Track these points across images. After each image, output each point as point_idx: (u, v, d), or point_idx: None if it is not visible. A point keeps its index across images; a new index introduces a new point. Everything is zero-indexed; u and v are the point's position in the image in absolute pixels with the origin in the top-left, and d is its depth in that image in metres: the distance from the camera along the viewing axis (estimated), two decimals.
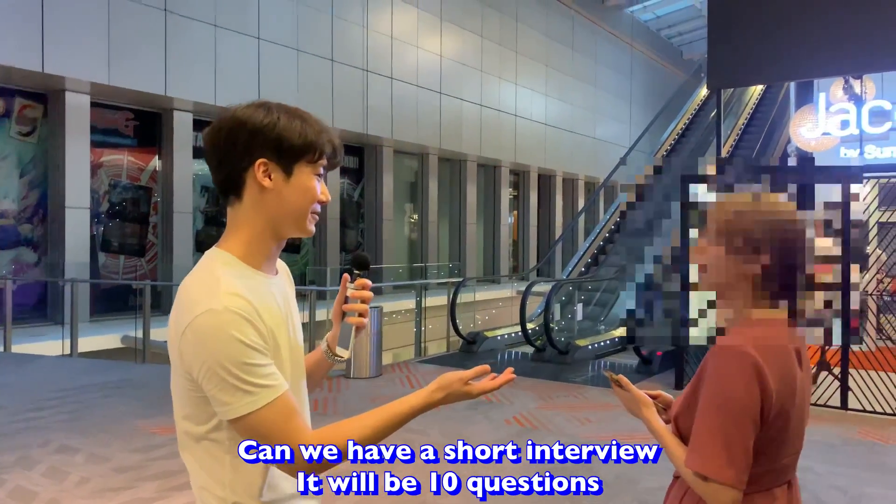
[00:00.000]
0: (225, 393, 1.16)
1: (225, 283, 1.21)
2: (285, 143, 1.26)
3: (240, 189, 1.28)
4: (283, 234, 1.33)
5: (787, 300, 1.45)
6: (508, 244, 19.65)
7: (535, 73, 19.33)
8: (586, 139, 21.89)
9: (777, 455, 1.43)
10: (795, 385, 1.42)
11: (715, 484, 1.37)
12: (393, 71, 14.66)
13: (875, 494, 4.16)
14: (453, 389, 1.32)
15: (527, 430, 5.45)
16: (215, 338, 1.16)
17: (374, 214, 15.08)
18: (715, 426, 1.38)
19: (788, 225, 1.42)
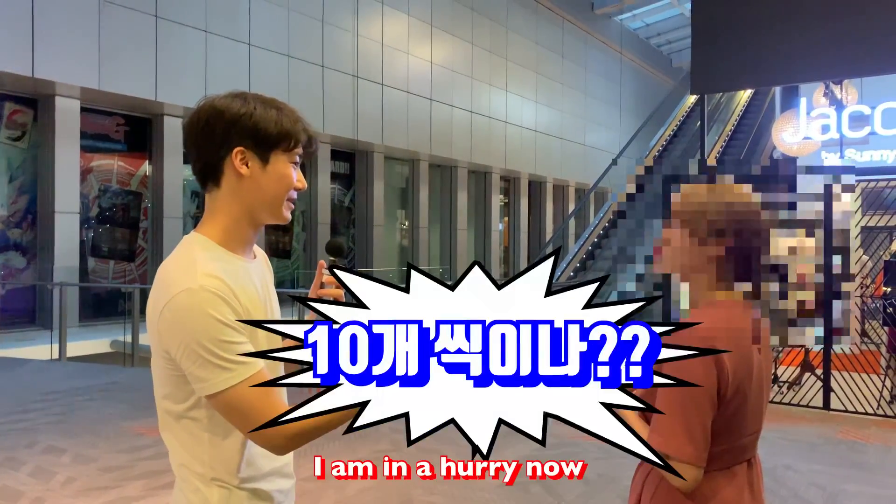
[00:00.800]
0: (202, 369, 1.20)
1: (202, 264, 1.26)
2: (262, 132, 1.30)
3: (218, 176, 1.33)
4: (259, 221, 1.37)
5: (746, 283, 1.51)
6: (499, 250, 19.71)
7: (525, 81, 19.45)
8: (576, 146, 22.01)
9: (736, 434, 1.48)
10: (753, 365, 1.47)
11: (676, 462, 1.42)
12: (384, 77, 14.74)
13: (854, 491, 4.22)
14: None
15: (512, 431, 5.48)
16: (192, 316, 1.20)
17: (365, 220, 15.12)
18: (675, 406, 1.43)
19: (747, 211, 1.49)
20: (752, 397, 1.48)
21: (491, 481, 4.33)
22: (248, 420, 1.21)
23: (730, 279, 1.50)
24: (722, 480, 1.47)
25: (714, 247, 1.48)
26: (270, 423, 1.15)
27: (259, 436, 1.22)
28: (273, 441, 1.22)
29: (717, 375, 1.41)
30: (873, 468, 4.70)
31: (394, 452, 4.90)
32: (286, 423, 1.19)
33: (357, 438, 5.22)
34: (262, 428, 1.17)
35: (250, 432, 1.22)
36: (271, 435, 1.20)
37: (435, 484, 4.26)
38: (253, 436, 1.22)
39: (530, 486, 4.24)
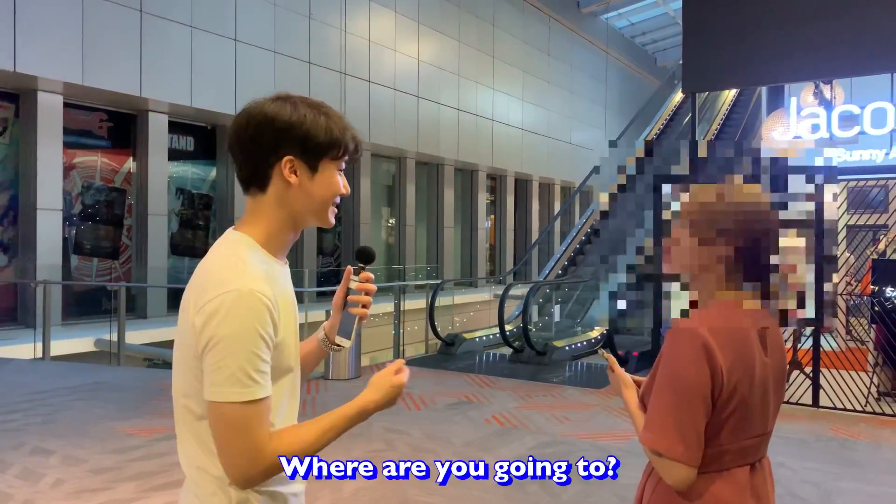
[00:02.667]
0: (220, 373, 1.18)
1: (251, 265, 1.24)
2: (312, 141, 1.29)
3: (264, 182, 1.31)
4: (303, 226, 1.37)
5: (754, 284, 1.50)
6: (486, 248, 19.72)
7: (512, 79, 19.46)
8: (562, 144, 22.07)
9: (735, 436, 1.46)
10: (754, 368, 1.46)
11: (668, 460, 1.41)
12: (371, 74, 14.67)
13: (847, 488, 4.25)
14: (383, 383, 1.34)
15: (506, 429, 5.47)
16: (236, 318, 1.18)
17: (352, 217, 15.04)
18: (667, 404, 1.43)
19: (755, 211, 1.47)
20: (753, 399, 1.46)
21: (488, 481, 4.31)
22: (236, 440, 1.20)
23: (738, 280, 1.49)
24: (719, 482, 1.46)
25: (722, 247, 1.47)
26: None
27: (232, 458, 1.21)
28: (246, 471, 1.21)
29: (711, 376, 1.40)
30: (865, 465, 4.74)
31: (388, 452, 4.87)
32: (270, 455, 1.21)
33: (352, 438, 5.18)
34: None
35: (229, 455, 1.21)
36: (250, 463, 1.21)
37: (432, 484, 4.23)
38: (230, 458, 1.21)
39: (527, 486, 4.23)
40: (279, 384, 1.30)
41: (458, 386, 7.12)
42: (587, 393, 6.91)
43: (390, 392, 1.34)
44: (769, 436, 1.56)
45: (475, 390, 6.87)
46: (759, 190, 1.51)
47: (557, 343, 8.98)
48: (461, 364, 8.38)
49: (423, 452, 4.84)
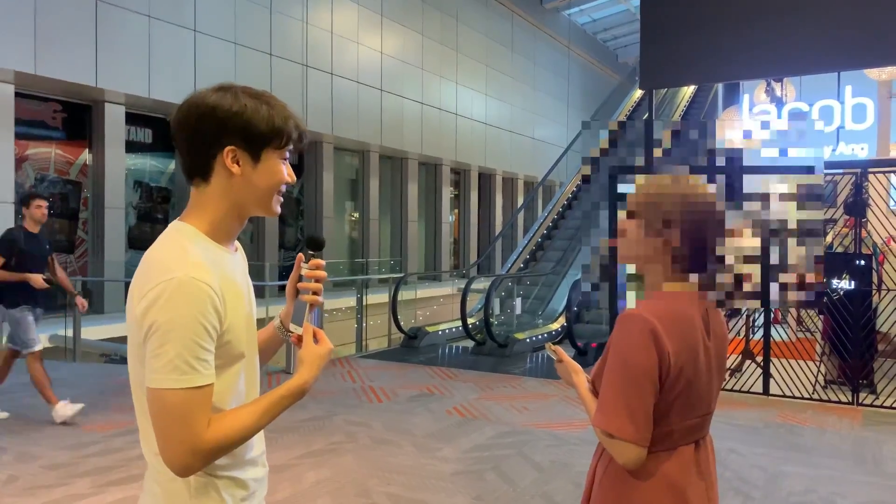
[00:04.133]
0: (158, 359, 1.18)
1: (192, 254, 1.25)
2: (253, 131, 1.29)
3: (207, 174, 1.31)
4: (247, 215, 1.37)
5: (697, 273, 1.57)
6: (450, 243, 19.77)
7: (475, 73, 19.51)
8: (525, 139, 22.22)
9: (681, 416, 1.53)
10: (698, 351, 1.53)
11: (618, 441, 1.48)
12: (333, 67, 14.57)
13: (792, 472, 4.42)
14: (313, 356, 1.35)
15: (466, 419, 5.54)
16: (175, 305, 1.18)
17: (315, 211, 14.94)
18: (617, 388, 1.49)
19: (700, 204, 1.54)
20: (698, 382, 1.54)
21: (447, 469, 4.37)
22: (173, 427, 1.19)
23: (684, 270, 1.56)
24: (666, 460, 1.53)
25: (668, 238, 1.53)
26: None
27: (170, 445, 1.20)
28: (184, 459, 1.20)
29: (658, 360, 1.47)
30: (810, 450, 4.92)
31: (349, 444, 4.89)
32: (208, 442, 1.21)
33: (313, 430, 5.19)
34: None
35: (167, 442, 1.21)
36: (188, 451, 1.20)
37: (391, 474, 4.27)
38: (168, 446, 1.21)
39: (485, 474, 4.29)
40: (231, 371, 1.31)
41: (420, 378, 7.16)
42: (546, 384, 7.02)
43: (321, 362, 1.36)
44: (711, 415, 1.64)
45: (437, 382, 6.93)
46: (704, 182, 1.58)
47: (519, 335, 9.09)
48: (423, 357, 8.42)
49: (384, 444, 4.88)
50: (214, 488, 1.30)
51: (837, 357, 6.57)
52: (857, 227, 6.33)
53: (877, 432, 5.39)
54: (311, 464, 4.46)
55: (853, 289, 6.28)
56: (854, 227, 6.38)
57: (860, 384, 6.29)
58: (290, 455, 4.62)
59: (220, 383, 1.28)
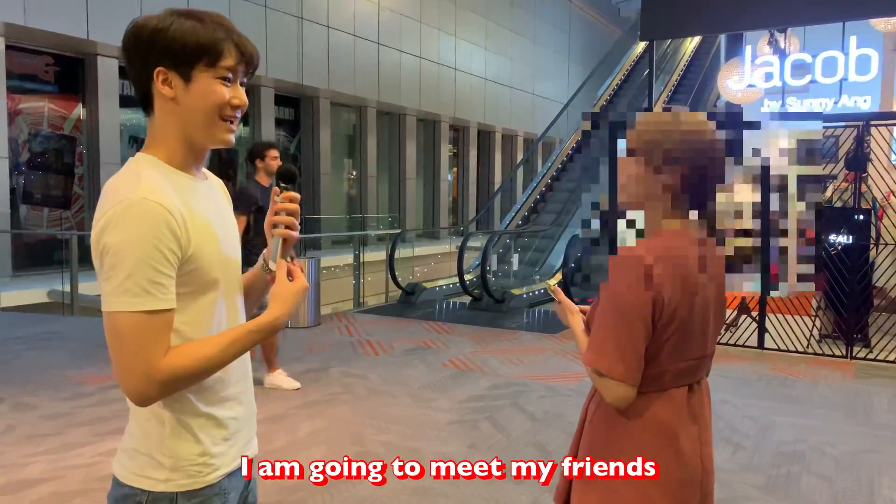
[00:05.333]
0: (110, 282, 1.14)
1: (146, 177, 1.20)
2: (177, 48, 1.21)
3: (149, 101, 1.26)
4: (197, 144, 1.29)
5: (698, 212, 1.54)
6: (448, 200, 19.68)
7: (474, 27, 19.16)
8: (525, 95, 21.94)
9: (673, 358, 1.51)
10: (695, 293, 1.51)
11: (608, 379, 1.47)
12: (329, 19, 14.29)
13: (783, 422, 4.46)
14: (286, 293, 1.31)
15: (462, 372, 5.57)
16: (125, 227, 1.14)
17: (312, 168, 14.83)
18: (608, 326, 1.47)
19: (702, 139, 1.50)
20: (693, 324, 1.52)
21: (441, 418, 4.42)
22: (126, 353, 1.15)
23: (684, 208, 1.52)
24: (657, 402, 1.52)
25: (669, 174, 1.50)
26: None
27: (123, 372, 1.16)
28: (137, 386, 1.16)
29: (652, 299, 1.44)
30: (802, 401, 4.96)
31: (345, 395, 4.93)
32: (165, 370, 1.16)
33: (309, 382, 5.23)
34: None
35: (120, 369, 1.17)
36: (142, 378, 1.15)
37: (387, 424, 4.31)
38: (121, 372, 1.17)
39: (479, 424, 4.34)
40: (205, 301, 1.26)
41: (416, 333, 7.20)
42: (542, 338, 7.05)
43: (294, 299, 1.31)
44: (708, 359, 1.61)
45: (433, 336, 6.96)
46: (705, 119, 1.53)
47: (515, 291, 9.10)
48: (420, 312, 8.45)
49: (380, 395, 4.92)
50: (191, 428, 1.27)
51: (833, 311, 6.59)
52: (857, 182, 6.27)
53: (869, 384, 5.43)
54: (306, 414, 4.50)
55: (851, 243, 6.26)
56: (854, 182, 6.33)
57: (854, 338, 6.31)
58: (286, 406, 4.66)
59: (192, 312, 1.24)
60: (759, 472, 3.68)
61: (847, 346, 6.27)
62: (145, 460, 1.27)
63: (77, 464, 3.61)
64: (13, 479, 3.42)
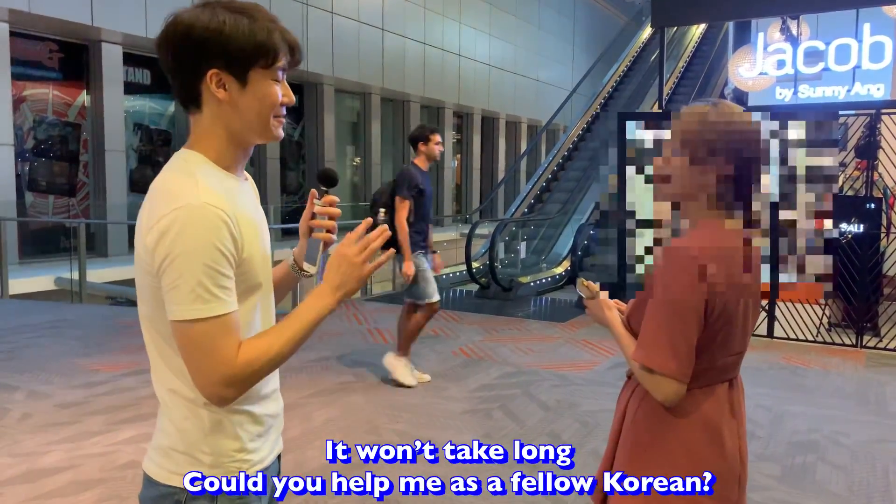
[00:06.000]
0: (178, 291, 1.13)
1: (203, 180, 1.18)
2: (235, 50, 1.18)
3: (198, 100, 1.22)
4: (248, 142, 1.28)
5: (741, 209, 1.52)
6: (452, 188, 19.65)
7: (478, 12, 19.03)
8: (529, 81, 21.84)
9: (719, 354, 1.51)
10: (742, 288, 1.50)
11: (659, 376, 1.45)
12: (334, 5, 14.20)
13: (796, 412, 4.47)
14: (333, 267, 1.27)
15: (472, 360, 5.58)
16: (191, 233, 1.12)
17: (316, 154, 14.80)
18: (661, 322, 1.45)
19: (745, 131, 1.48)
20: (737, 319, 1.51)
21: (455, 407, 4.42)
22: (204, 358, 1.15)
23: (728, 201, 1.51)
24: (702, 398, 1.51)
25: (712, 167, 1.48)
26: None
27: (202, 377, 1.17)
28: (219, 390, 1.17)
29: (707, 293, 1.43)
30: (813, 390, 4.97)
31: (357, 383, 4.94)
32: (241, 372, 1.16)
33: (321, 371, 5.24)
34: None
35: (200, 375, 1.17)
36: (222, 380, 1.16)
37: (400, 412, 4.32)
38: (201, 378, 1.17)
39: (493, 413, 4.34)
40: (249, 302, 1.26)
41: None
42: (551, 326, 7.06)
43: (346, 272, 1.26)
44: (744, 354, 1.61)
45: (442, 325, 6.96)
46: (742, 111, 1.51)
47: (523, 279, 9.10)
48: None
49: (392, 384, 4.92)
50: (230, 424, 1.26)
51: (843, 300, 6.57)
52: (868, 170, 6.24)
53: (880, 373, 5.43)
54: (320, 402, 4.51)
55: (861, 232, 6.24)
56: (865, 170, 6.30)
57: (864, 327, 6.31)
58: (299, 394, 4.67)
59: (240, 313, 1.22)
60: (775, 461, 3.69)
61: (857, 335, 6.26)
62: (183, 458, 1.26)
63: (94, 452, 3.62)
64: (32, 467, 3.43)
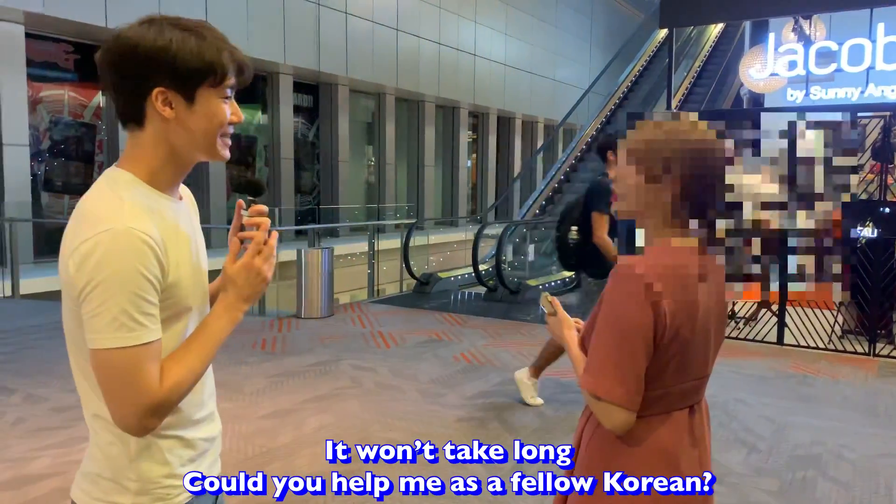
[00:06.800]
0: (100, 318, 1.10)
1: (130, 202, 1.14)
2: (182, 69, 1.15)
3: (140, 118, 1.19)
4: (191, 161, 1.25)
5: (699, 226, 1.45)
6: (467, 188, 19.59)
7: (494, 11, 18.94)
8: (546, 81, 21.70)
9: (674, 379, 1.43)
10: (697, 311, 1.42)
11: (606, 403, 1.38)
12: (347, 6, 14.20)
13: (800, 423, 4.35)
14: (242, 279, 1.27)
15: (473, 366, 5.52)
16: (112, 260, 1.09)
17: (330, 155, 14.82)
18: (608, 347, 1.39)
19: (701, 148, 1.41)
20: (695, 342, 1.44)
21: (449, 415, 4.37)
22: (124, 388, 1.12)
23: (684, 220, 1.44)
24: (658, 425, 1.44)
25: (668, 184, 1.41)
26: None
27: (123, 408, 1.13)
28: (140, 421, 1.14)
29: (654, 318, 1.36)
30: (820, 400, 4.84)
31: (354, 388, 4.90)
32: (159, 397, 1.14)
33: (319, 375, 5.21)
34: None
35: (119, 405, 1.14)
36: (143, 410, 1.13)
37: (394, 420, 4.28)
38: (120, 408, 1.14)
39: (488, 423, 4.28)
40: (178, 326, 1.23)
41: (429, 324, 7.15)
42: None
43: (256, 284, 1.27)
44: (707, 378, 1.54)
45: (446, 328, 6.91)
46: (706, 126, 1.45)
47: (531, 282, 9.02)
48: (434, 303, 8.40)
49: (389, 390, 4.88)
50: (158, 450, 1.23)
51: (856, 307, 6.41)
52: (883, 173, 6.08)
53: (891, 383, 5.28)
54: (314, 409, 4.48)
55: (876, 237, 6.08)
56: (881, 173, 6.14)
57: (878, 334, 6.14)
58: (294, 400, 4.64)
59: (166, 338, 1.19)
60: (773, 476, 3.58)
61: (870, 343, 6.10)
62: (109, 485, 1.24)
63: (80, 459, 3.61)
64: (19, 473, 3.43)
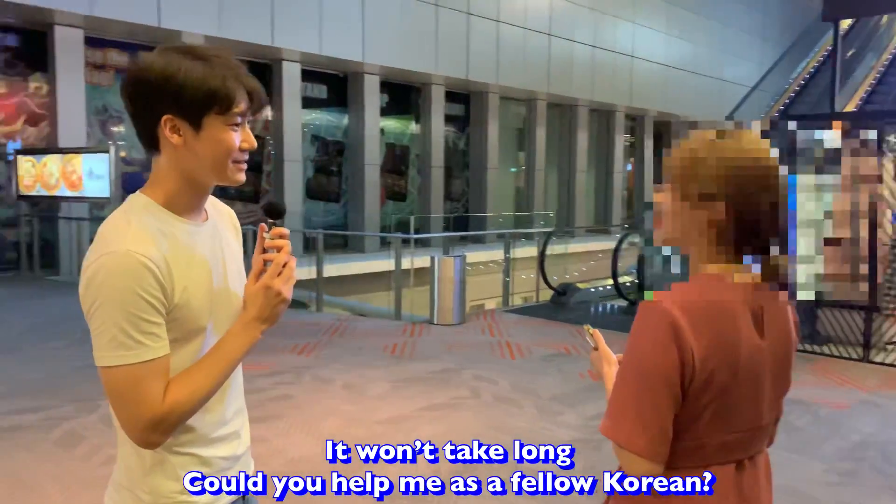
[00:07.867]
0: (102, 337, 1.15)
1: (136, 226, 1.20)
2: (186, 97, 1.18)
3: (154, 144, 1.24)
4: (205, 185, 1.29)
5: (751, 255, 1.25)
6: (622, 194, 18.93)
7: (654, 10, 18.15)
8: (712, 81, 20.43)
9: (714, 429, 1.24)
10: (738, 353, 1.22)
11: (628, 453, 1.23)
12: (499, 13, 14.26)
13: None
14: (261, 299, 1.26)
15: (598, 384, 5.26)
16: (111, 281, 1.14)
17: (479, 163, 14.96)
18: (628, 390, 1.23)
19: (751, 167, 1.22)
20: (739, 389, 1.23)
21: (564, 435, 4.21)
22: (127, 404, 1.16)
23: (731, 248, 1.25)
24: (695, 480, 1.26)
25: (708, 210, 1.23)
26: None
27: (126, 422, 1.18)
28: (143, 435, 1.18)
29: (680, 360, 1.18)
30: None
31: (471, 399, 4.87)
32: (165, 419, 1.17)
33: (439, 383, 5.24)
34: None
35: (124, 420, 1.18)
36: (146, 425, 1.17)
37: (506, 435, 4.19)
38: (126, 423, 1.19)
39: (603, 444, 4.06)
40: (189, 347, 1.25)
41: (559, 337, 6.95)
42: None
43: (274, 306, 1.27)
44: (765, 430, 1.33)
45: (576, 342, 6.68)
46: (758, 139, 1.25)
47: None
48: (570, 315, 8.16)
49: (506, 403, 4.79)
50: (170, 465, 1.26)
51: None
52: None
53: None
54: (429, 417, 4.50)
55: None
56: None
57: None
58: (412, 406, 4.69)
59: (177, 359, 1.22)
60: None
61: None
62: (127, 494, 1.29)
63: None
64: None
